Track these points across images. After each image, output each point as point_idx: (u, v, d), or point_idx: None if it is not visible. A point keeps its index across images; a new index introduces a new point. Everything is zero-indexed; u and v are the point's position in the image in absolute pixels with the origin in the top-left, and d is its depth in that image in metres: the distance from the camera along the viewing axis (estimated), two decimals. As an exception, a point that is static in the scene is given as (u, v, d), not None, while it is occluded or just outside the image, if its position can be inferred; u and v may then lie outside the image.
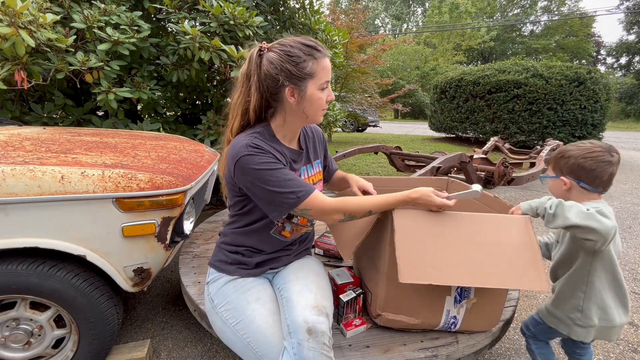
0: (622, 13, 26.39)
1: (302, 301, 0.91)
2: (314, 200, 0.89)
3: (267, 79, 0.89)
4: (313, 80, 0.90)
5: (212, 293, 1.01)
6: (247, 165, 0.87)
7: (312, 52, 0.89)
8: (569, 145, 1.10)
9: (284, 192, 0.87)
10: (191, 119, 3.09)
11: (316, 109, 0.94)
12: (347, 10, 10.23)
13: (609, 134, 10.33)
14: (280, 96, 0.91)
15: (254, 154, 0.87)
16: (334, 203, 0.91)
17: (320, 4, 3.37)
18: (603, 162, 1.00)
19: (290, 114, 0.95)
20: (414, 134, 11.46)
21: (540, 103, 6.66)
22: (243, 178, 0.89)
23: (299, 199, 0.87)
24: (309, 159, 1.09)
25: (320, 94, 0.92)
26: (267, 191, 0.87)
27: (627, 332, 1.66)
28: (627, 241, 2.80)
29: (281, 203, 0.88)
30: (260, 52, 0.90)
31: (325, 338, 0.85)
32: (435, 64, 24.31)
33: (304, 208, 0.89)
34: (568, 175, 1.05)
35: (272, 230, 1.02)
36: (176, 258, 1.60)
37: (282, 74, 0.87)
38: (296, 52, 0.87)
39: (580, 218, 0.88)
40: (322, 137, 1.19)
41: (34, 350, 1.14)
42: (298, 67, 0.87)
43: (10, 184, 0.94)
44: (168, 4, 2.28)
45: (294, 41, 0.89)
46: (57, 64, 1.81)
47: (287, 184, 0.87)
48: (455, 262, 0.89)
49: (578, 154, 1.03)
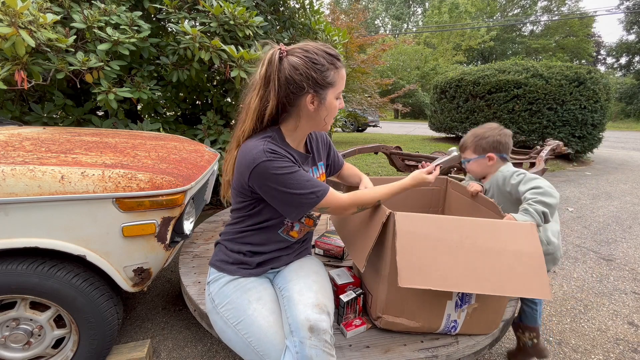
0: (622, 13, 26.39)
1: (304, 299, 0.92)
2: (332, 197, 0.93)
3: (289, 83, 0.88)
4: (333, 89, 0.91)
5: (213, 293, 1.00)
6: (267, 171, 0.86)
7: (334, 62, 0.90)
8: (477, 129, 1.35)
9: (304, 193, 0.88)
10: (191, 119, 3.08)
11: (330, 117, 0.96)
12: (347, 10, 10.22)
13: (609, 134, 10.32)
14: (298, 102, 0.91)
15: (273, 159, 0.87)
16: (349, 198, 0.96)
17: (320, 4, 3.38)
18: (508, 135, 1.33)
19: (305, 120, 0.95)
20: (414, 134, 11.45)
21: (540, 103, 6.65)
22: (261, 183, 0.89)
23: (318, 198, 0.90)
24: (314, 161, 1.10)
25: (336, 103, 0.94)
26: (288, 194, 0.88)
27: (627, 332, 1.66)
28: (627, 241, 2.80)
29: (301, 204, 0.90)
30: (281, 55, 0.89)
31: (327, 336, 0.86)
32: (435, 64, 24.29)
33: (323, 206, 0.92)
34: (491, 151, 1.30)
35: (281, 230, 1.02)
36: (176, 258, 1.60)
37: (307, 81, 0.87)
38: (321, 60, 0.88)
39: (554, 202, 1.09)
40: (325, 138, 1.20)
41: (34, 350, 1.14)
42: (322, 75, 0.88)
43: (10, 184, 0.94)
44: (168, 4, 2.28)
45: (317, 48, 0.89)
46: (57, 64, 1.81)
47: (306, 185, 0.89)
48: (457, 268, 0.88)
49: (493, 133, 1.31)
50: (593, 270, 2.29)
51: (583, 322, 1.74)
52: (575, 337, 1.62)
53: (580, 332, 1.66)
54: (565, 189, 4.56)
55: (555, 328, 1.67)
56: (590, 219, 3.36)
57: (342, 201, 0.95)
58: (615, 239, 2.84)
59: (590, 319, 1.76)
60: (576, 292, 2.02)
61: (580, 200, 4.02)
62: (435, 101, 9.12)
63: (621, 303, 1.91)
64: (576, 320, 1.75)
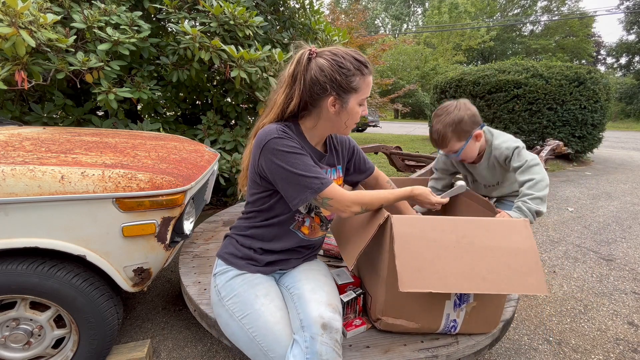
0: (622, 13, 26.39)
1: (316, 297, 0.93)
2: (335, 190, 0.91)
3: (314, 84, 0.90)
4: (356, 95, 0.91)
5: (219, 285, 1.00)
6: (276, 147, 0.88)
7: (361, 68, 0.90)
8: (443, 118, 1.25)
9: (309, 176, 0.88)
10: (191, 119, 3.09)
11: (351, 122, 0.96)
12: (347, 10, 10.23)
13: (609, 134, 10.32)
14: (320, 102, 0.92)
15: (283, 137, 0.88)
16: (353, 194, 0.95)
17: (320, 4, 3.38)
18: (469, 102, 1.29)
19: (325, 121, 0.96)
20: (414, 134, 11.45)
21: (540, 103, 6.65)
22: (269, 160, 0.89)
23: (322, 185, 0.89)
24: (332, 162, 1.10)
25: (358, 109, 0.94)
26: (292, 174, 0.88)
27: (627, 332, 1.66)
28: (627, 241, 2.80)
29: (305, 187, 0.89)
30: (310, 56, 0.91)
31: (338, 335, 0.87)
32: (435, 64, 24.30)
33: (326, 197, 0.90)
34: (474, 128, 1.25)
35: (292, 226, 1.03)
36: (176, 258, 1.60)
37: (331, 83, 0.88)
38: (347, 64, 0.89)
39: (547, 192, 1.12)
40: (350, 144, 1.20)
41: (34, 350, 1.14)
42: (347, 79, 0.89)
43: (10, 184, 0.94)
44: (168, 4, 2.28)
45: (346, 53, 0.90)
46: (57, 64, 1.81)
47: (312, 170, 0.89)
48: (455, 268, 0.89)
49: (462, 111, 1.23)
50: (593, 270, 2.29)
51: (583, 322, 1.74)
52: (575, 337, 1.62)
53: (580, 332, 1.66)
54: (565, 189, 4.56)
55: (555, 328, 1.67)
56: (590, 219, 3.36)
57: (345, 196, 0.93)
58: (615, 239, 2.84)
59: (590, 319, 1.76)
60: (576, 292, 2.02)
61: (580, 200, 4.02)
62: (435, 101, 9.10)
63: (621, 303, 1.91)
64: (576, 320, 1.75)
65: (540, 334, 1.63)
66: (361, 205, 0.96)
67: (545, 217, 3.36)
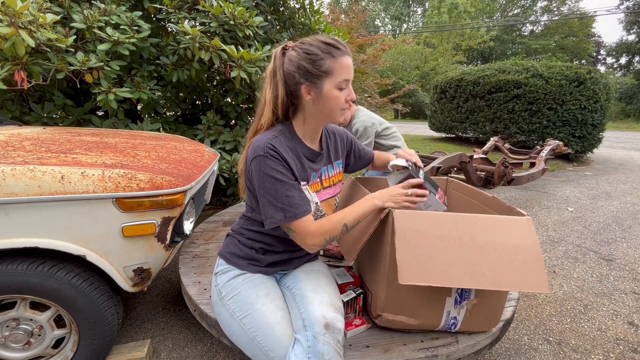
0: (622, 13, 26.40)
1: (319, 297, 0.93)
2: (302, 223, 0.89)
3: (287, 77, 0.91)
4: (330, 79, 0.89)
5: (221, 284, 1.00)
6: (258, 166, 0.88)
7: (330, 50, 0.88)
8: None
9: (276, 205, 0.88)
10: (191, 119, 3.09)
11: (333, 108, 0.92)
12: (347, 10, 10.23)
13: (609, 134, 10.32)
14: (298, 94, 0.92)
15: (268, 157, 0.87)
16: (313, 228, 0.90)
17: (320, 4, 3.38)
18: None
19: (309, 112, 0.95)
20: (414, 134, 11.44)
21: (540, 103, 6.65)
22: (253, 176, 0.91)
23: (284, 218, 0.88)
24: (329, 159, 1.10)
25: (338, 93, 0.91)
26: (263, 198, 0.89)
27: (627, 332, 1.66)
28: (627, 241, 2.80)
29: (270, 215, 0.89)
30: (284, 50, 0.92)
31: (340, 336, 0.87)
32: (435, 64, 24.26)
33: (290, 228, 0.90)
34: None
35: None
36: (176, 258, 1.60)
37: (299, 71, 0.88)
38: (314, 50, 0.88)
39: None
40: (346, 136, 1.19)
41: (34, 350, 1.14)
42: (314, 64, 0.88)
43: (10, 184, 0.94)
44: (168, 4, 2.28)
45: (315, 39, 0.90)
46: (57, 64, 1.81)
47: (282, 200, 0.87)
48: (456, 264, 0.89)
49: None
50: (593, 270, 2.29)
51: (583, 322, 1.74)
52: (575, 337, 1.62)
53: (580, 332, 1.66)
54: (565, 189, 4.56)
55: (555, 328, 1.67)
56: (590, 219, 3.36)
57: (309, 229, 0.89)
58: (615, 239, 2.84)
59: (590, 319, 1.76)
60: (576, 292, 2.02)
61: (580, 200, 4.02)
62: (435, 101, 9.12)
63: (621, 303, 1.91)
64: (576, 320, 1.75)
65: (540, 334, 1.63)
66: (323, 235, 0.90)
67: (545, 217, 3.36)
